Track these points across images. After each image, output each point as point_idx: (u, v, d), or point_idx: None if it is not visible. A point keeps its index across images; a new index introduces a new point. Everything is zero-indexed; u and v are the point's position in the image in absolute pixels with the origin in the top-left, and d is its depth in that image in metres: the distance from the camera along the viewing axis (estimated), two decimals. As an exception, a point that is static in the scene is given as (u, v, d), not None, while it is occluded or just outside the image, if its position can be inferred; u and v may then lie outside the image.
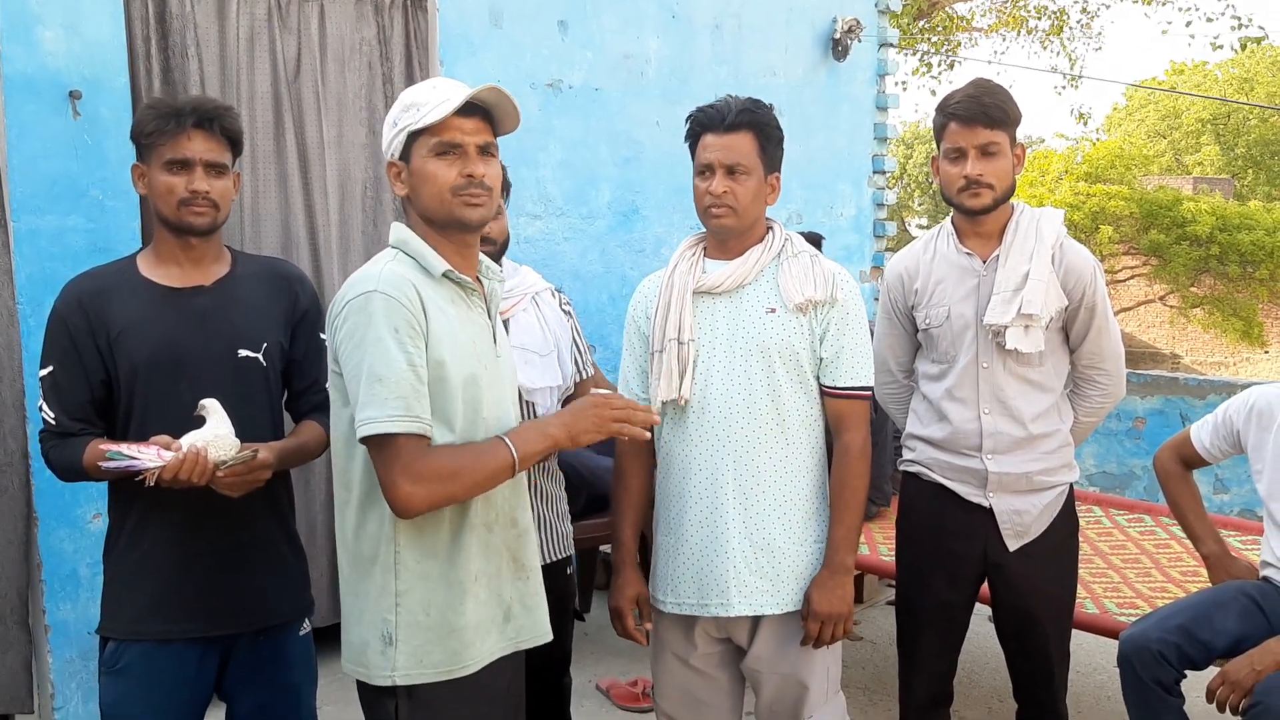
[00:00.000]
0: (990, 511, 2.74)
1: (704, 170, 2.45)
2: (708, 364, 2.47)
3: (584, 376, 3.01)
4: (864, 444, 2.50)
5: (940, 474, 2.80)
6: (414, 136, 2.00)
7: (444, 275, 2.01)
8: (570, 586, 3.02)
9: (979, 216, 2.71)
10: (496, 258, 2.73)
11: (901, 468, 2.93)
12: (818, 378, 2.50)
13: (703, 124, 2.47)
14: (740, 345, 2.45)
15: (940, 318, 2.77)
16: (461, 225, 2.03)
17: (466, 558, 2.01)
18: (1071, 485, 2.82)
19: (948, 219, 2.86)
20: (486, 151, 2.04)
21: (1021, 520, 2.74)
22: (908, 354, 2.95)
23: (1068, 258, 2.71)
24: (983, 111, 2.61)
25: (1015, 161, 2.69)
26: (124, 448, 2.16)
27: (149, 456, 2.14)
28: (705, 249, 2.56)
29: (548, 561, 2.84)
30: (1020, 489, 2.73)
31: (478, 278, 2.10)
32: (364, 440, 1.90)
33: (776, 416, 2.45)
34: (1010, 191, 2.71)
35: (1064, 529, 2.80)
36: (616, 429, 2.05)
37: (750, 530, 2.45)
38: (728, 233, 2.47)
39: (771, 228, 2.54)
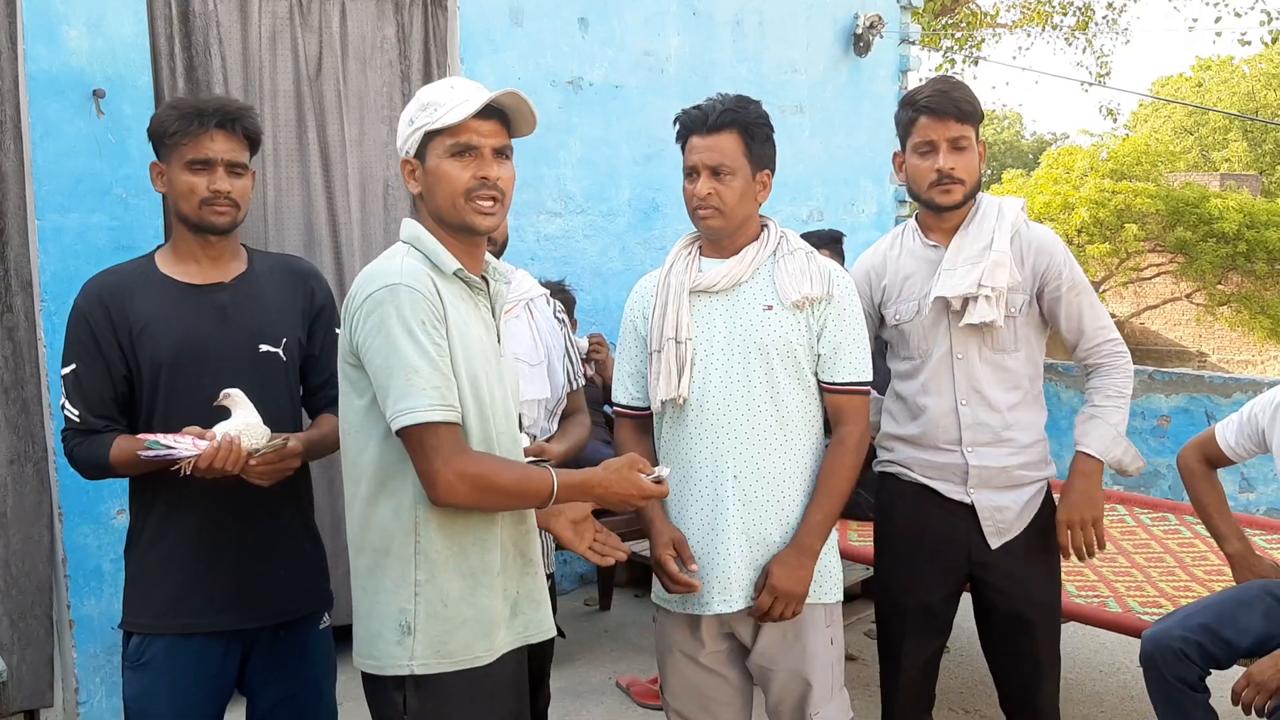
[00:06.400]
0: (972, 509, 2.71)
1: (690, 172, 2.46)
2: (706, 362, 2.46)
3: (574, 387, 2.99)
4: (861, 437, 2.50)
5: (920, 472, 2.77)
6: (430, 136, 2.01)
7: (454, 274, 2.03)
8: (553, 599, 3.00)
9: (947, 212, 2.71)
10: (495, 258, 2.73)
11: (878, 469, 2.89)
12: (816, 374, 2.49)
13: (688, 126, 2.46)
14: (738, 343, 2.45)
15: (910, 312, 2.75)
16: (471, 231, 2.05)
17: (484, 550, 2.03)
18: (1049, 482, 2.80)
19: (912, 217, 2.86)
20: (502, 154, 2.05)
21: (1003, 517, 2.71)
22: None
23: (1035, 236, 2.72)
24: (954, 105, 2.62)
25: (980, 158, 2.70)
26: (160, 437, 2.18)
27: (185, 445, 2.16)
28: (700, 247, 2.57)
29: None
30: (1000, 484, 2.71)
31: (484, 278, 2.12)
32: (401, 431, 1.90)
33: (776, 414, 2.44)
34: (977, 187, 2.72)
35: (1046, 526, 2.76)
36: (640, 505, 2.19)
37: (750, 527, 2.44)
38: (717, 233, 2.48)
39: (766, 225, 2.54)
